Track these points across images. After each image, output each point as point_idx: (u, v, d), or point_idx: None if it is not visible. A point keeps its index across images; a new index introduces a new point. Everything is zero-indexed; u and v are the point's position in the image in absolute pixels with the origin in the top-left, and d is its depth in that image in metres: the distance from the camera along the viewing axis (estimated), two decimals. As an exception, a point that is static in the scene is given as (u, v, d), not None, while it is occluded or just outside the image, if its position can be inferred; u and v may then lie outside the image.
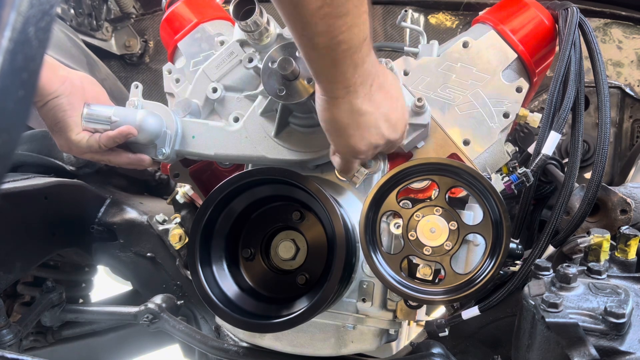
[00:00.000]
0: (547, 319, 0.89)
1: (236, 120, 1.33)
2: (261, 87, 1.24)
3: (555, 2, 1.44)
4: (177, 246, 1.56)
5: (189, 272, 1.26)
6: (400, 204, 1.18)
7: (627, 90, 1.95)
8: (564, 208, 1.26)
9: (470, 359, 1.41)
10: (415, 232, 1.16)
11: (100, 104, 1.31)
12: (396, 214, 1.19)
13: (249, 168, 1.34)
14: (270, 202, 1.28)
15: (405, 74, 1.34)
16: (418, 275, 1.19)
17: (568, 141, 1.35)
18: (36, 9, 0.42)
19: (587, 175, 1.41)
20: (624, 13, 1.94)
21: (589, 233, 1.14)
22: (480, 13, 1.44)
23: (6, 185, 1.46)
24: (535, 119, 1.31)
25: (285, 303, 1.23)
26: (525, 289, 1.01)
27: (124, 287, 2.08)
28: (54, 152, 1.76)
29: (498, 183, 1.27)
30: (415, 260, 1.19)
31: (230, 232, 1.26)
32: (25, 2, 0.41)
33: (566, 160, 1.30)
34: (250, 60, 1.30)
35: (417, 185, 1.28)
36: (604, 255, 1.11)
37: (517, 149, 1.44)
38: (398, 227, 1.19)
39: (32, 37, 0.42)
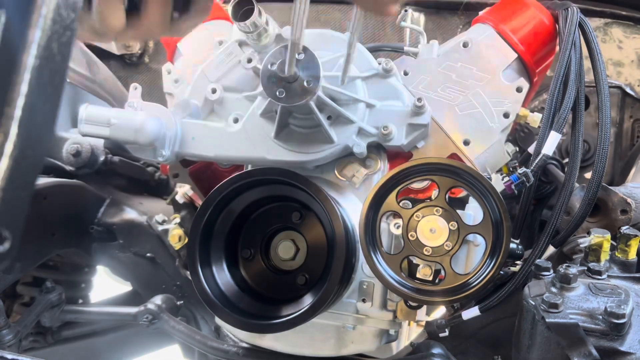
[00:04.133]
0: (547, 320, 0.89)
1: (236, 121, 1.33)
2: (260, 88, 1.23)
3: (555, 2, 1.44)
4: (177, 246, 1.56)
5: (188, 273, 1.26)
6: (400, 204, 1.17)
7: (628, 90, 1.95)
8: (564, 208, 1.26)
9: (470, 360, 1.41)
10: (415, 232, 1.16)
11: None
12: (396, 214, 1.19)
13: (249, 168, 1.34)
14: (270, 202, 1.28)
15: (405, 74, 1.34)
16: (418, 275, 1.19)
17: (568, 141, 1.35)
18: (59, 25, 0.42)
19: (588, 175, 1.41)
20: (624, 13, 1.94)
21: (589, 233, 1.14)
22: (480, 13, 1.44)
23: (5, 186, 1.45)
24: (535, 119, 1.31)
25: (285, 303, 1.23)
26: (526, 289, 1.01)
27: (124, 287, 2.08)
28: (53, 152, 1.76)
29: (498, 183, 1.27)
30: (415, 260, 1.19)
31: (229, 232, 1.26)
32: (49, 20, 0.42)
33: (566, 160, 1.30)
34: (249, 61, 1.30)
35: (417, 185, 1.28)
36: (604, 256, 1.11)
37: (517, 149, 1.44)
38: (398, 227, 1.19)
39: (55, 52, 0.43)
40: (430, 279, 1.18)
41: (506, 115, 1.30)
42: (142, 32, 0.84)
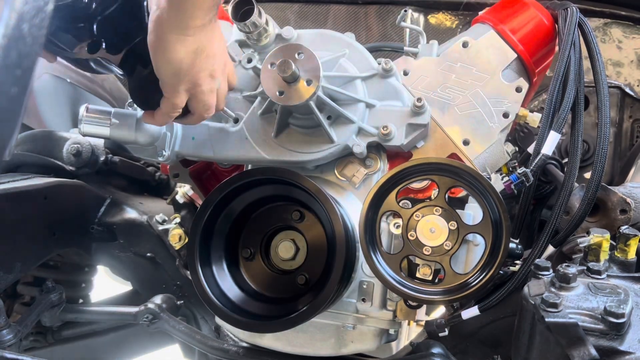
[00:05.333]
0: (546, 319, 0.89)
1: (236, 121, 1.33)
2: (260, 88, 1.24)
3: (555, 2, 1.44)
4: (177, 246, 1.56)
5: (188, 272, 1.26)
6: (400, 203, 1.18)
7: (627, 90, 1.95)
8: (564, 208, 1.26)
9: (470, 359, 1.41)
10: (415, 232, 1.16)
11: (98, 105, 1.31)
12: (396, 214, 1.19)
13: (249, 168, 1.34)
14: (270, 202, 1.28)
15: (405, 74, 1.34)
16: (418, 275, 1.19)
17: (568, 141, 1.35)
18: (31, 5, 0.42)
19: (587, 175, 1.41)
20: (623, 13, 1.94)
21: (588, 233, 1.14)
22: (480, 13, 1.44)
23: (6, 185, 1.46)
24: (535, 119, 1.31)
25: (285, 303, 1.23)
26: (525, 288, 1.01)
27: (124, 287, 2.08)
28: (54, 152, 1.76)
29: (498, 183, 1.27)
30: (415, 260, 1.19)
31: (230, 232, 1.26)
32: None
33: (566, 160, 1.30)
34: (249, 61, 1.30)
35: (416, 185, 1.28)
36: (604, 255, 1.11)
37: (517, 149, 1.44)
38: (398, 227, 1.19)
39: (26, 34, 0.42)
40: (430, 278, 1.18)
41: (506, 115, 1.31)
42: (150, 122, 1.19)
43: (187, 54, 1.02)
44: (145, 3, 1.13)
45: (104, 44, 1.16)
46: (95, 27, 1.15)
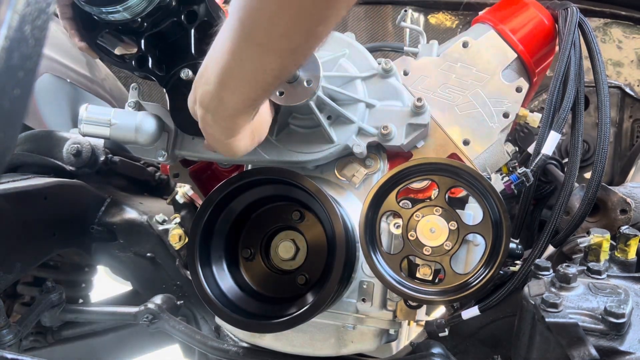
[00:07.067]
0: (546, 319, 0.89)
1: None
2: (261, 87, 1.24)
3: (555, 2, 1.44)
4: (177, 246, 1.56)
5: (188, 272, 1.26)
6: (400, 204, 1.18)
7: (627, 90, 1.95)
8: (564, 208, 1.26)
9: (470, 359, 1.41)
10: (415, 232, 1.16)
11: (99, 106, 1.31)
12: (396, 214, 1.19)
13: (249, 168, 1.34)
14: (270, 202, 1.28)
15: (405, 74, 1.34)
16: (418, 275, 1.19)
17: (568, 141, 1.35)
18: (32, 7, 0.42)
19: (587, 175, 1.42)
20: (624, 13, 1.94)
21: (588, 233, 1.14)
22: (480, 13, 1.44)
23: (6, 185, 1.46)
24: (535, 119, 1.31)
25: (284, 303, 1.23)
26: (525, 289, 1.01)
27: (124, 287, 2.08)
28: (53, 152, 1.76)
29: (498, 183, 1.27)
30: (415, 260, 1.19)
31: (230, 232, 1.26)
32: (22, 1, 0.41)
33: (566, 160, 1.30)
34: (250, 61, 1.30)
35: (417, 185, 1.28)
36: (604, 255, 1.11)
37: (517, 149, 1.44)
38: (398, 227, 1.19)
39: (28, 36, 0.42)
40: (430, 278, 1.18)
41: (506, 115, 1.31)
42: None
43: (245, 143, 1.07)
44: (192, 31, 1.16)
45: (150, 61, 1.19)
46: (143, 41, 1.18)
